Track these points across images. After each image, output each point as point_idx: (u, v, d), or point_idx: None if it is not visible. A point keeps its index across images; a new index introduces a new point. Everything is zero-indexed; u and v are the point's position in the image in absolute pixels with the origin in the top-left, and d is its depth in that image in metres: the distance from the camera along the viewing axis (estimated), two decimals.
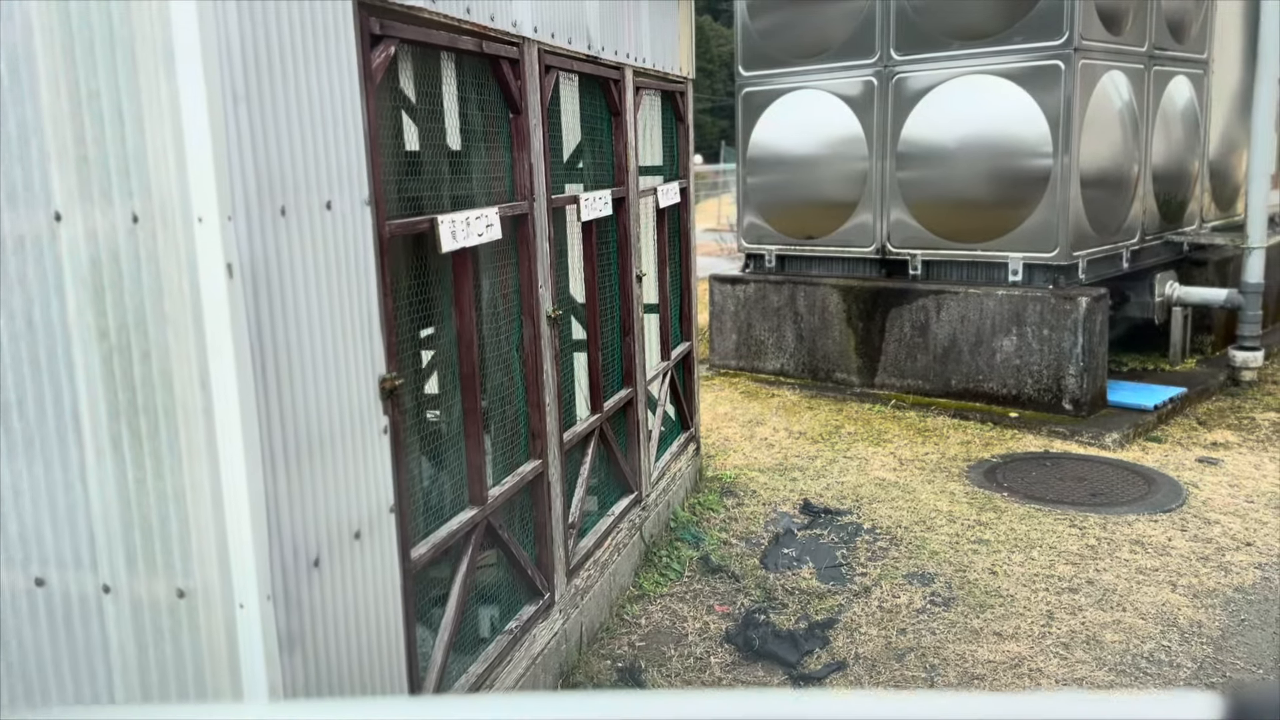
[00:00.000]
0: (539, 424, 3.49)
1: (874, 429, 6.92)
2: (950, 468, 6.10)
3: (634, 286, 4.54)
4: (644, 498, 4.72)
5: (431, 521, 2.84)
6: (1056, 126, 6.76)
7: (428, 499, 2.88)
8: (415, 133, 3.09)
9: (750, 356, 8.52)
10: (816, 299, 8.05)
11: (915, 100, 7.42)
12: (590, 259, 4.04)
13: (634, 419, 4.60)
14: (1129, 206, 7.47)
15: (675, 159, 5.44)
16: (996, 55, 6.99)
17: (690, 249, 5.53)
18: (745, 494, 5.71)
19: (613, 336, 4.51)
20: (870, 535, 5.12)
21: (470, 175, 3.20)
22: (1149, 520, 5.23)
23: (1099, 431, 6.50)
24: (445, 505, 2.94)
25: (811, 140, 8.09)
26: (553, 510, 3.58)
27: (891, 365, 7.68)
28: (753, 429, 7.01)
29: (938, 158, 7.35)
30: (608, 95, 4.29)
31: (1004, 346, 7.08)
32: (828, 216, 8.08)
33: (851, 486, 5.81)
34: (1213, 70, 8.55)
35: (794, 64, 8.09)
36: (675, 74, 5.18)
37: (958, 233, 7.37)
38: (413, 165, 2.96)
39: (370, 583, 2.43)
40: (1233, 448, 6.42)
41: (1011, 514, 5.34)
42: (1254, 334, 7.66)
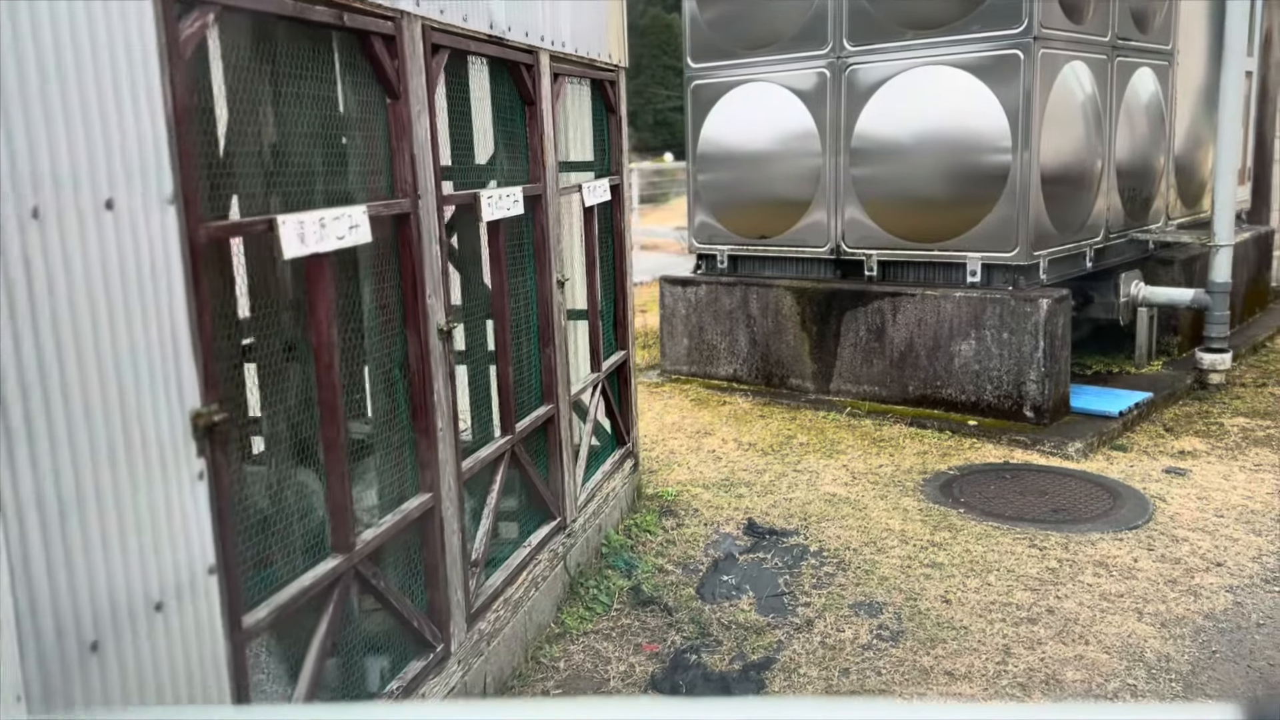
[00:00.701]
0: (428, 452, 3.07)
1: (827, 439, 6.56)
2: (905, 481, 5.74)
3: (555, 292, 4.14)
4: (569, 524, 4.32)
5: (277, 580, 2.42)
6: (1016, 120, 6.43)
7: (271, 553, 2.46)
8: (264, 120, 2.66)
9: (702, 362, 8.14)
10: (769, 301, 7.68)
11: (869, 94, 7.06)
12: (498, 263, 3.63)
13: (556, 438, 4.19)
14: (1092, 203, 7.15)
15: (607, 153, 5.04)
16: (953, 45, 6.64)
17: (624, 250, 5.13)
18: (687, 513, 5.32)
19: (530, 348, 4.10)
20: (817, 559, 4.74)
21: (334, 169, 2.78)
22: (1113, 539, 4.90)
23: (1061, 440, 6.17)
24: (297, 557, 2.52)
25: (763, 135, 7.72)
26: (447, 549, 3.17)
27: (847, 371, 7.32)
28: (700, 440, 6.63)
29: (892, 153, 6.99)
30: (519, 82, 3.88)
31: (963, 351, 6.74)
32: (781, 215, 7.71)
33: (800, 504, 5.43)
34: (1178, 62, 8.27)
35: (744, 55, 7.71)
36: (604, 61, 4.78)
37: (914, 232, 7.02)
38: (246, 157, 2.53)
39: (181, 662, 2.01)
40: (1201, 456, 6.11)
41: (968, 533, 4.99)
42: (1221, 335, 7.37)
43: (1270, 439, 6.41)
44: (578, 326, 4.88)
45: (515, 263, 4.04)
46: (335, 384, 2.57)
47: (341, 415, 2.60)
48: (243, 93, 2.57)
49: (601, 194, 4.70)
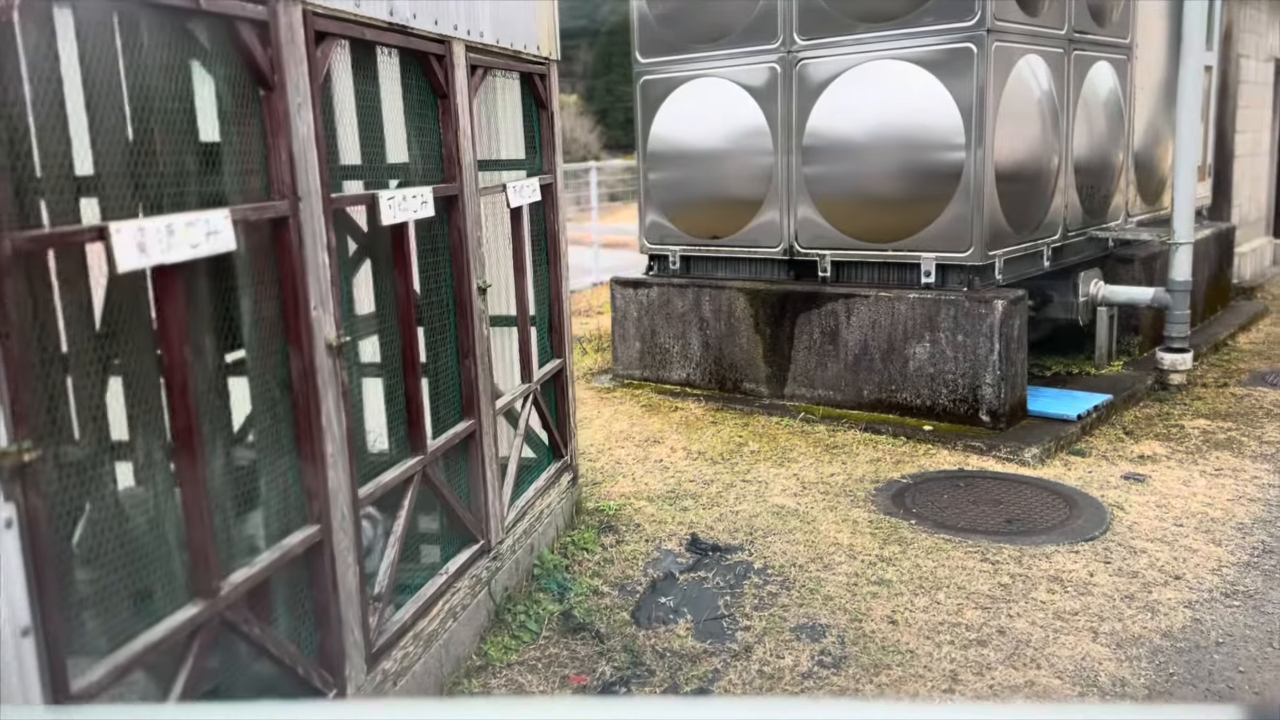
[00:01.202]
0: (316, 480, 2.80)
1: (779, 446, 6.33)
2: (856, 491, 5.52)
3: (475, 300, 3.87)
4: (494, 546, 4.05)
5: (120, 634, 2.14)
6: (969, 116, 6.23)
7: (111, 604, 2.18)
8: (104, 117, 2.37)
9: (655, 366, 7.89)
10: (722, 303, 7.45)
11: (820, 89, 6.84)
12: (404, 269, 3.36)
13: (479, 455, 3.92)
14: (1049, 201, 6.98)
15: (539, 151, 4.78)
16: (905, 39, 6.43)
17: (559, 253, 4.87)
18: (628, 529, 5.07)
19: (448, 360, 3.83)
20: (760, 577, 4.51)
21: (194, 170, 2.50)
22: (1069, 551, 4.70)
23: (1018, 446, 5.98)
24: (148, 607, 2.24)
25: (714, 133, 7.48)
26: (340, 585, 2.89)
27: (802, 374, 7.11)
28: (648, 449, 6.38)
29: (844, 151, 6.78)
30: (429, 75, 3.61)
31: (917, 354, 6.54)
32: (733, 215, 7.48)
33: (747, 517, 5.20)
34: (1136, 56, 8.12)
35: (693, 50, 7.47)
36: (531, 54, 4.51)
37: (868, 232, 6.81)
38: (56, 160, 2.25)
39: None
40: (1161, 461, 5.94)
41: (918, 547, 4.77)
42: (1182, 335, 7.22)
43: (1231, 442, 6.25)
44: (506, 334, 4.62)
45: (429, 268, 3.77)
46: (190, 409, 2.29)
47: (200, 444, 2.32)
48: (104, 84, 2.28)
49: (530, 194, 4.44)
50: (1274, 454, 6.01)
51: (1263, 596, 4.25)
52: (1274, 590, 4.30)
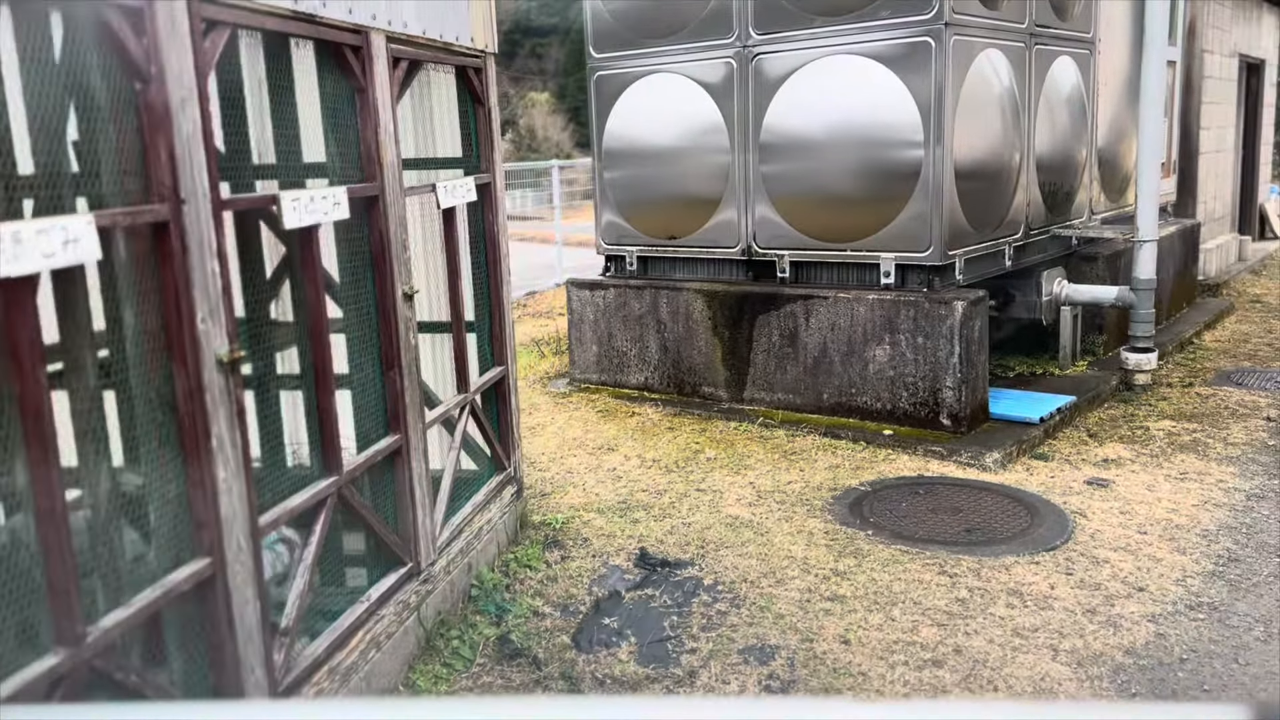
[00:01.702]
0: (207, 509, 2.56)
1: (737, 453, 6.14)
2: (813, 500, 5.34)
3: (401, 307, 3.64)
4: (424, 568, 3.83)
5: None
6: (928, 112, 6.06)
7: None
8: None
9: (612, 370, 7.68)
10: (680, 305, 7.25)
11: (777, 85, 6.65)
12: (312, 276, 3.13)
13: (405, 472, 3.70)
14: (1010, 199, 6.83)
15: (475, 149, 4.56)
16: (862, 33, 6.26)
17: (499, 256, 4.65)
18: (575, 543, 4.86)
19: (370, 372, 3.60)
20: (710, 594, 4.31)
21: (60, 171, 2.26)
22: (1029, 562, 4.54)
23: (979, 450, 5.82)
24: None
25: (670, 130, 7.28)
26: (237, 621, 2.66)
27: (761, 378, 6.92)
28: (601, 457, 6.17)
29: (802, 148, 6.60)
30: (344, 68, 3.38)
31: (877, 356, 6.37)
32: (690, 214, 7.28)
33: (699, 529, 5.00)
34: (1099, 51, 8.00)
35: (648, 45, 7.26)
36: (464, 46, 4.29)
37: (827, 231, 6.63)
38: None
39: None
40: (1125, 465, 5.80)
41: (875, 559, 4.59)
42: (1147, 334, 7.10)
43: (1196, 444, 6.13)
44: (442, 342, 4.40)
45: (350, 274, 3.54)
46: (47, 436, 2.06)
47: (56, 475, 2.09)
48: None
49: (465, 194, 4.21)
50: (1239, 456, 5.89)
51: (1228, 608, 4.11)
52: (1239, 601, 4.16)
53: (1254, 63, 13.48)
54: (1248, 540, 4.75)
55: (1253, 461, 5.81)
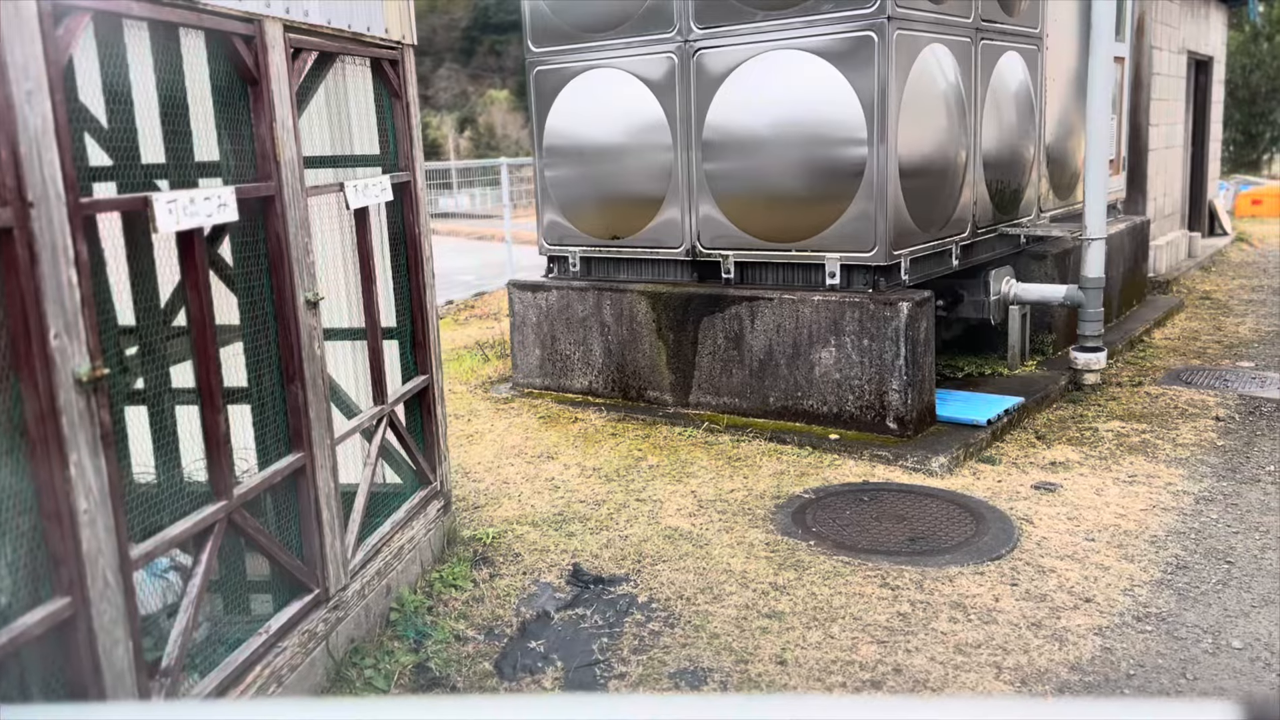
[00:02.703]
0: (65, 543, 2.32)
1: (680, 459, 5.95)
2: (756, 509, 5.17)
3: (303, 315, 3.40)
4: (333, 594, 3.59)
5: None
6: (871, 109, 5.91)
7: None
8: None
9: (556, 374, 7.46)
10: (624, 307, 7.05)
11: (719, 81, 6.47)
12: (196, 283, 2.88)
13: (310, 493, 3.46)
14: (957, 197, 6.70)
15: (393, 145, 4.32)
16: (805, 27, 6.09)
17: (421, 258, 4.41)
18: (506, 559, 4.64)
19: (270, 385, 3.36)
20: (644, 613, 4.11)
21: None
22: (974, 573, 4.39)
23: (925, 455, 5.69)
24: None
25: (612, 127, 7.08)
26: (104, 663, 2.42)
27: (706, 382, 6.74)
28: (540, 466, 5.95)
29: (745, 146, 6.42)
30: (234, 58, 3.13)
31: (823, 359, 6.21)
32: (633, 214, 7.09)
33: (636, 542, 4.80)
34: (1047, 46, 7.92)
35: (588, 39, 7.05)
36: (376, 36, 4.05)
37: (772, 231, 6.47)
38: None
39: None
40: (1073, 468, 5.70)
41: (816, 572, 4.42)
42: (1095, 333, 7.02)
43: (1145, 445, 6.04)
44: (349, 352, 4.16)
45: (246, 280, 3.30)
46: None
47: None
48: None
49: (379, 193, 3.98)
50: (1188, 458, 5.81)
51: (1176, 619, 3.99)
52: (1187, 612, 4.04)
53: (1202, 59, 13.56)
54: (1196, 546, 4.64)
55: (1201, 463, 5.72)
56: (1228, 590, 4.23)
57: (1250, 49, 21.40)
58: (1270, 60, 21.58)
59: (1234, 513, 5.02)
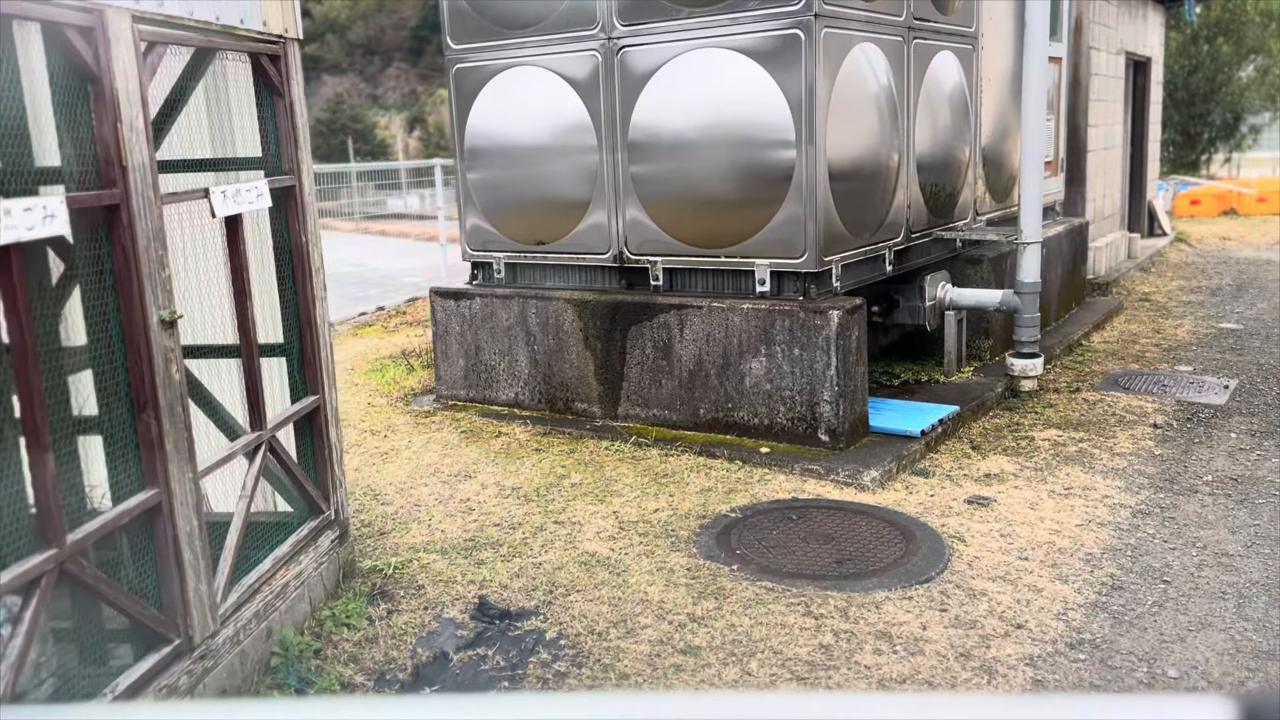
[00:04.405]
0: None
1: (604, 477, 5.68)
2: (679, 530, 4.91)
3: (155, 336, 3.07)
4: (199, 643, 3.26)
5: None
6: (799, 110, 5.68)
7: None
8: None
9: (481, 386, 7.15)
10: (550, 315, 6.76)
11: (644, 81, 6.21)
12: (13, 303, 2.54)
13: (167, 533, 3.12)
14: (890, 201, 6.51)
15: (274, 147, 3.99)
16: (730, 25, 5.85)
17: (308, 270, 4.09)
18: (407, 593, 4.32)
19: (120, 415, 3.02)
20: (551, 651, 3.83)
21: None
22: (902, 597, 4.17)
23: (857, 468, 5.47)
24: None
25: (535, 128, 6.78)
26: None
27: (635, 393, 6.47)
28: (456, 486, 5.64)
29: (671, 148, 6.17)
30: (70, 52, 2.80)
31: (753, 369, 5.97)
32: (559, 218, 6.80)
33: (550, 570, 4.51)
34: (983, 46, 7.77)
35: (509, 36, 6.75)
36: (252, 30, 3.72)
37: (700, 236, 6.22)
38: None
39: None
40: (1008, 480, 5.52)
41: (737, 600, 4.17)
42: (1032, 339, 6.87)
43: (1082, 454, 5.89)
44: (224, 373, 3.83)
45: (90, 299, 2.96)
46: None
47: None
48: None
49: (252, 199, 3.65)
50: (1125, 468, 5.66)
51: (1110, 646, 3.79)
52: (1122, 638, 3.85)
53: (1141, 60, 13.59)
54: (1132, 564, 4.47)
55: (1139, 474, 5.58)
56: (1164, 613, 4.05)
57: (1190, 51, 21.67)
58: (1209, 62, 21.88)
59: (1171, 527, 4.87)
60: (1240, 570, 4.39)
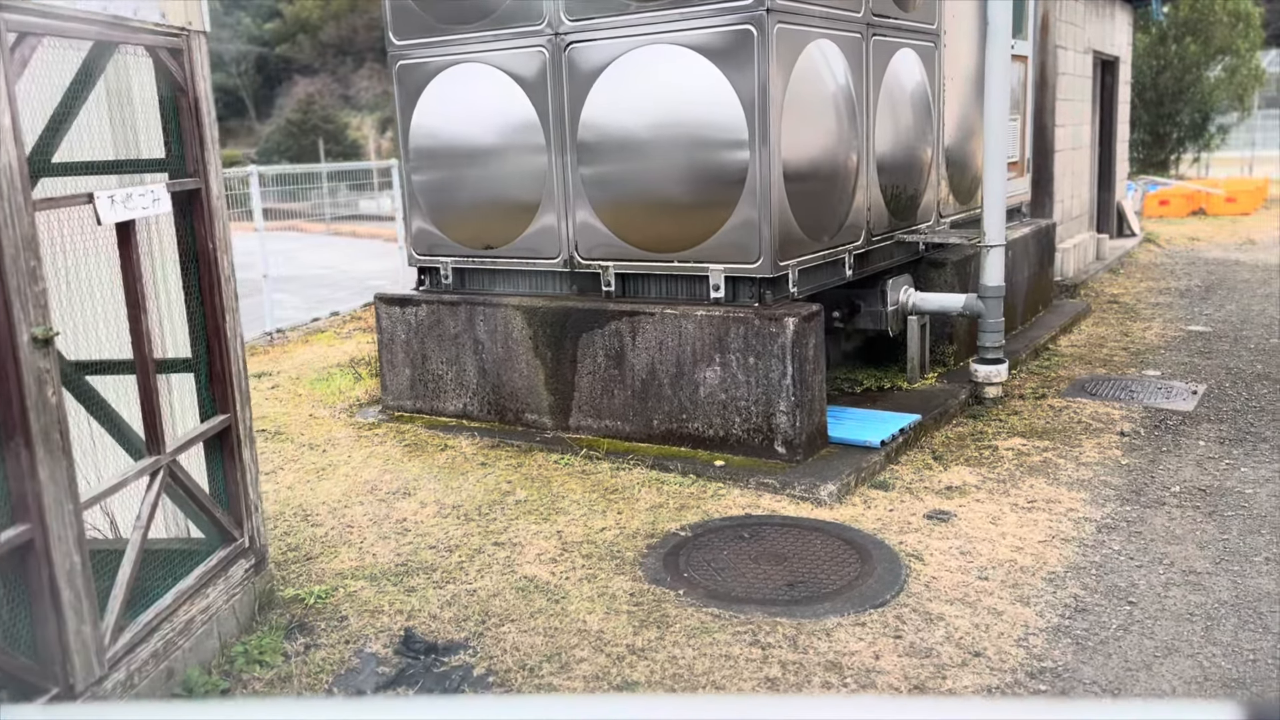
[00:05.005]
0: None
1: (551, 493, 5.42)
2: (626, 551, 4.65)
3: (25, 356, 2.78)
4: (82, 689, 2.97)
5: None
6: (752, 109, 5.45)
7: None
8: None
9: (428, 396, 6.87)
10: (498, 323, 6.49)
11: (593, 79, 5.96)
12: None
13: (43, 572, 2.84)
14: (849, 203, 6.29)
15: (178, 148, 3.70)
16: (680, 20, 5.61)
17: (217, 279, 3.80)
18: (328, 625, 4.05)
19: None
20: (478, 689, 3.57)
21: None
22: (855, 624, 3.94)
23: (814, 482, 5.24)
24: None
25: (481, 127, 6.51)
26: None
27: (587, 403, 6.22)
28: (394, 505, 5.36)
29: (622, 149, 5.92)
30: None
31: (708, 379, 5.74)
32: (507, 221, 6.53)
33: (485, 597, 4.25)
34: (945, 44, 7.57)
35: (454, 31, 6.48)
36: (150, 22, 3.44)
37: (652, 240, 5.97)
38: None
39: None
40: (970, 492, 5.31)
41: (681, 628, 3.93)
42: (996, 344, 6.68)
43: (1046, 464, 5.69)
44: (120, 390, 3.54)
45: None
46: None
47: None
48: None
49: (146, 205, 3.36)
50: (1090, 479, 5.47)
51: (1072, 675, 3.58)
52: (1085, 665, 3.64)
53: (1108, 59, 13.49)
54: (1097, 584, 4.27)
55: (1105, 485, 5.38)
56: (1129, 637, 3.84)
57: (1158, 50, 21.66)
58: (1177, 62, 21.88)
59: (1137, 542, 4.67)
60: (1208, 589, 4.19)
